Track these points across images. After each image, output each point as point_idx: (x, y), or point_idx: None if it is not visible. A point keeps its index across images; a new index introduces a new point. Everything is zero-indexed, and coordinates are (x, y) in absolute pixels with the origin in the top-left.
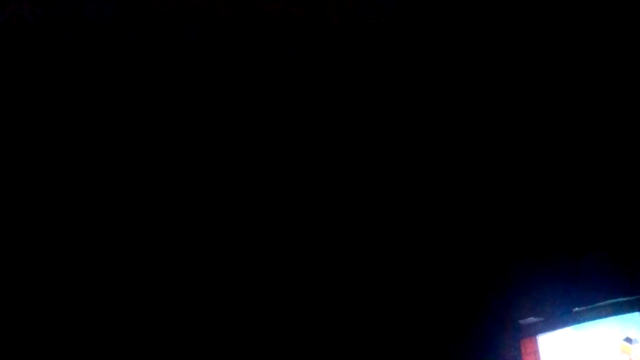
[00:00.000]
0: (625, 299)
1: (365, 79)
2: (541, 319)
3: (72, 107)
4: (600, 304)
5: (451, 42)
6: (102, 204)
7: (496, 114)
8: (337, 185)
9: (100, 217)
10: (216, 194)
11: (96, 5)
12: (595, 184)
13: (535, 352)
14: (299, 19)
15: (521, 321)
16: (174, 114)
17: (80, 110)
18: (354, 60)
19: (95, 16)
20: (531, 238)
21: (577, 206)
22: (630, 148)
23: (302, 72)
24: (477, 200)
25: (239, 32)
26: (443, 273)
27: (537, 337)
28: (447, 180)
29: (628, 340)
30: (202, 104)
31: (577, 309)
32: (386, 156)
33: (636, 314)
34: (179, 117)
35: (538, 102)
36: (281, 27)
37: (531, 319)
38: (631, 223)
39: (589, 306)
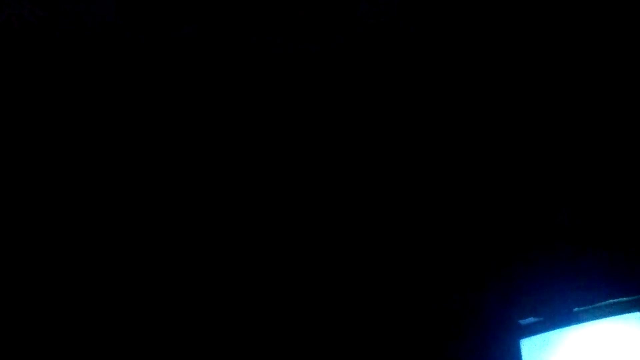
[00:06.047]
0: (625, 299)
1: (365, 80)
2: (541, 319)
3: (72, 107)
4: (600, 304)
5: (454, 42)
6: (101, 203)
7: (498, 113)
8: (336, 185)
9: (99, 217)
10: (214, 195)
11: (96, 5)
12: (596, 184)
13: None
14: (297, 18)
15: (521, 321)
16: (174, 114)
17: (80, 110)
18: (353, 61)
19: (96, 16)
20: (531, 238)
21: (577, 206)
22: (630, 148)
23: (301, 72)
24: (477, 199)
25: (238, 32)
26: (442, 272)
27: None
28: (448, 180)
29: None
30: (201, 104)
31: (577, 309)
32: (387, 156)
33: (636, 313)
34: (178, 117)
35: (541, 102)
36: (280, 26)
37: (531, 319)
38: (631, 223)
39: (589, 306)
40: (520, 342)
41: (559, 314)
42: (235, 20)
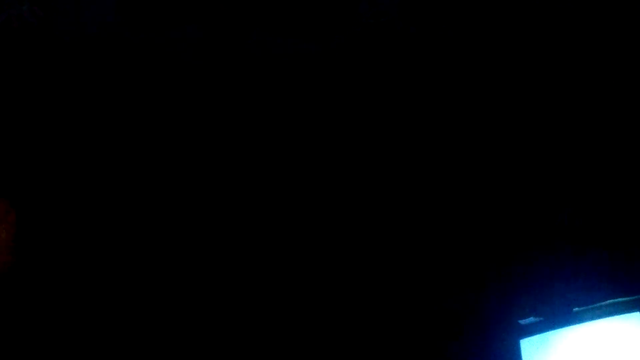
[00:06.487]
0: (625, 299)
1: (365, 80)
2: (541, 319)
3: (72, 106)
4: (600, 304)
5: (454, 42)
6: (100, 203)
7: (498, 113)
8: (336, 185)
9: (98, 216)
10: (214, 194)
11: (96, 5)
12: (596, 184)
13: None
14: (297, 18)
15: (521, 321)
16: (174, 115)
17: (80, 109)
18: (353, 61)
19: (96, 16)
20: (531, 238)
21: (577, 206)
22: (630, 148)
23: (301, 72)
24: (477, 199)
25: (238, 32)
26: (442, 272)
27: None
28: (448, 180)
29: None
30: (201, 104)
31: (577, 309)
32: (387, 156)
33: (636, 313)
34: (178, 117)
35: (541, 102)
36: (280, 26)
37: (531, 319)
38: (631, 223)
39: (589, 306)
40: (520, 342)
41: (559, 314)
42: (235, 20)
